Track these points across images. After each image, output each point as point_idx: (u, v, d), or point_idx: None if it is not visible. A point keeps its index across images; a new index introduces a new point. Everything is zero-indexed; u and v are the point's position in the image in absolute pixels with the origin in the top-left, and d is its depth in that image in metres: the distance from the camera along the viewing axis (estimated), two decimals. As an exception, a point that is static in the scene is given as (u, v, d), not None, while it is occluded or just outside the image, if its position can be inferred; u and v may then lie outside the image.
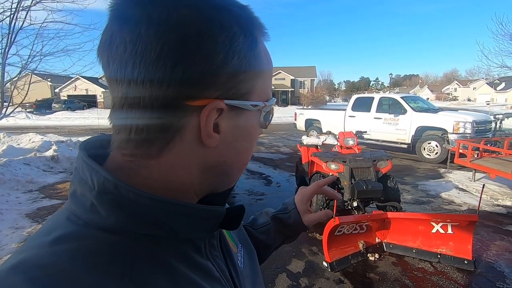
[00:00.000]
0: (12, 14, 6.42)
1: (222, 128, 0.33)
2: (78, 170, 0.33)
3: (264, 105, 0.37)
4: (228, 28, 0.31)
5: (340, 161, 3.81)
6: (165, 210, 0.31)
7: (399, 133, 7.96)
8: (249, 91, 0.34)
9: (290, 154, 8.51)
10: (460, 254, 2.81)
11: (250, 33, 0.33)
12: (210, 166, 0.35)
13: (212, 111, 0.31)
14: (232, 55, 0.31)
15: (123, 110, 0.31)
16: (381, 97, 8.80)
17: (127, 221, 0.30)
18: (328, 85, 73.81)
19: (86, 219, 0.31)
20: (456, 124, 6.98)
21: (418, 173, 6.42)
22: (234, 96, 0.33)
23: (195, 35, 0.29)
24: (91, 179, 0.31)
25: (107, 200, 0.30)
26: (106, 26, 0.31)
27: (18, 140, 8.95)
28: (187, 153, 0.32)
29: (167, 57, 0.28)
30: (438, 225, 2.86)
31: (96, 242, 0.29)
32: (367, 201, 3.70)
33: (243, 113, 0.35)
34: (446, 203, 4.59)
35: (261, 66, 0.35)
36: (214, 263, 0.38)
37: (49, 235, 0.30)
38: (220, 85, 0.31)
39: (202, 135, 0.32)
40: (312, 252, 3.12)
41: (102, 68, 0.32)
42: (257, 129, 0.39)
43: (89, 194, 0.31)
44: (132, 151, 0.32)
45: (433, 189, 5.24)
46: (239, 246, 0.50)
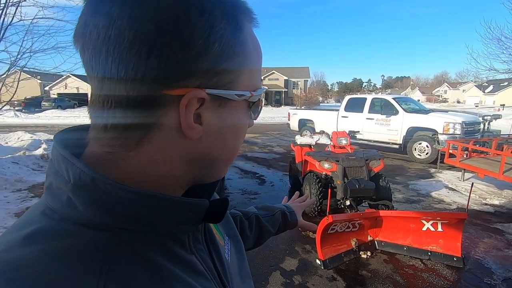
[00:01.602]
0: (1, 9, 6.28)
1: (205, 119, 0.31)
2: (53, 162, 0.32)
3: (251, 95, 0.35)
4: (209, 12, 0.29)
5: (333, 160, 3.85)
6: (145, 204, 0.30)
7: (391, 133, 8.07)
8: (234, 80, 0.33)
9: (284, 154, 8.54)
10: (449, 251, 2.87)
11: (233, 18, 0.31)
12: (194, 159, 0.33)
13: (192, 101, 0.30)
14: (213, 41, 0.29)
15: (99, 101, 0.30)
16: (374, 98, 8.91)
17: (105, 216, 0.29)
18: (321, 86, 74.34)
19: (63, 214, 0.29)
20: (446, 125, 7.12)
21: (409, 173, 6.52)
22: (216, 85, 0.31)
23: (171, 19, 0.27)
24: (67, 172, 0.30)
25: (83, 193, 0.29)
26: (81, 11, 0.30)
27: (6, 138, 8.76)
28: (168, 145, 0.31)
29: (141, 43, 0.27)
30: (429, 223, 2.91)
31: (74, 238, 0.28)
32: (360, 200, 3.74)
33: (227, 104, 0.33)
34: (436, 202, 4.68)
35: (246, 53, 0.33)
36: (198, 257, 0.37)
37: (23, 229, 0.28)
38: (200, 73, 0.29)
39: (182, 127, 0.30)
40: (305, 250, 3.14)
41: (80, 56, 0.30)
42: (244, 120, 0.37)
43: (65, 187, 0.29)
44: (110, 142, 0.30)
45: (423, 188, 5.33)
46: (226, 239, 0.49)
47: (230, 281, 0.42)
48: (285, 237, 3.42)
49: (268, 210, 0.80)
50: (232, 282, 0.43)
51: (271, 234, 0.78)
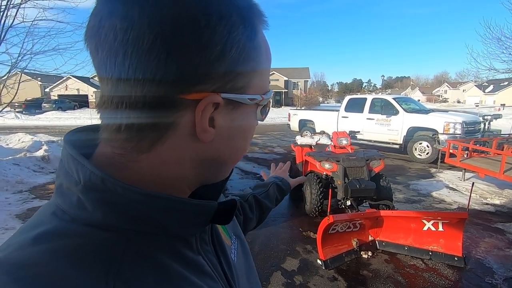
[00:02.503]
0: (2, 11, 6.30)
1: (218, 123, 0.32)
2: (63, 163, 0.32)
3: (262, 99, 0.35)
4: (227, 17, 0.29)
5: (334, 160, 3.85)
6: (155, 205, 0.30)
7: (391, 133, 8.07)
8: (247, 84, 0.33)
9: (284, 155, 8.55)
10: (450, 251, 2.87)
11: (250, 22, 0.31)
12: (204, 161, 0.33)
13: (208, 105, 0.30)
14: (231, 46, 0.29)
15: (113, 102, 0.29)
16: (374, 98, 8.91)
17: (114, 217, 0.29)
18: (322, 86, 74.34)
19: (72, 214, 0.29)
20: (446, 125, 7.12)
21: (409, 173, 6.52)
22: (231, 90, 0.31)
23: (191, 24, 0.27)
24: (77, 173, 0.30)
25: (93, 194, 0.29)
26: (94, 9, 0.29)
27: (7, 140, 8.77)
28: (181, 147, 0.31)
29: (161, 47, 0.27)
30: (430, 223, 2.91)
31: (82, 239, 0.28)
32: (360, 200, 3.74)
33: (240, 107, 0.33)
34: (437, 201, 4.68)
35: (259, 57, 0.33)
36: (205, 258, 0.37)
37: (33, 230, 0.28)
38: (217, 78, 0.30)
39: (197, 130, 0.30)
40: (306, 251, 3.14)
41: (90, 55, 0.30)
42: (254, 123, 0.37)
43: (75, 188, 0.30)
44: (122, 145, 0.30)
45: (424, 188, 5.33)
46: (233, 238, 0.49)
47: (236, 281, 0.42)
48: (286, 237, 3.43)
49: (262, 187, 0.85)
50: (239, 282, 0.43)
51: (270, 209, 0.83)
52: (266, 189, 0.84)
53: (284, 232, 3.57)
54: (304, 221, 3.85)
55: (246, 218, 0.74)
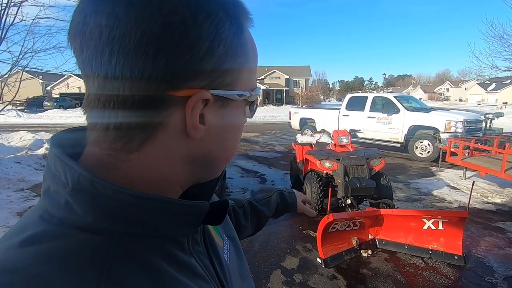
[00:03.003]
0: (2, 9, 6.31)
1: (208, 119, 0.31)
2: (50, 166, 0.31)
3: (250, 95, 0.35)
4: (214, 14, 0.29)
5: (334, 159, 3.84)
6: (146, 207, 0.29)
7: (392, 132, 8.05)
8: (235, 80, 0.33)
9: (285, 153, 8.55)
10: (450, 250, 2.86)
11: (236, 19, 0.31)
12: (195, 158, 0.33)
13: (198, 102, 0.30)
14: (218, 43, 0.29)
15: (100, 102, 0.29)
16: (375, 97, 8.89)
17: (104, 219, 0.29)
18: (323, 85, 74.09)
19: (61, 218, 0.29)
20: (447, 123, 7.09)
21: (410, 172, 6.51)
22: (220, 86, 0.31)
23: (179, 21, 0.27)
24: (65, 175, 0.29)
25: (82, 197, 0.28)
26: (78, 6, 0.28)
27: (8, 138, 8.80)
28: (171, 145, 0.31)
29: (148, 45, 0.26)
30: (430, 222, 2.91)
31: (71, 242, 0.27)
32: (361, 199, 3.74)
33: (229, 103, 0.33)
34: (437, 200, 4.68)
35: (246, 54, 0.34)
36: (197, 259, 0.36)
37: (20, 235, 0.28)
38: (205, 74, 0.30)
39: (188, 127, 0.30)
40: (306, 249, 3.15)
41: (74, 54, 0.29)
42: (242, 119, 0.37)
43: (63, 191, 0.29)
44: (111, 145, 0.30)
45: (425, 187, 5.32)
46: (225, 239, 0.49)
47: (229, 282, 0.42)
48: (286, 236, 3.43)
49: (265, 192, 0.79)
50: (232, 283, 0.43)
51: (268, 217, 0.77)
52: (269, 194, 0.78)
53: (284, 231, 3.58)
54: (304, 220, 3.85)
55: (239, 225, 0.70)
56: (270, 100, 39.30)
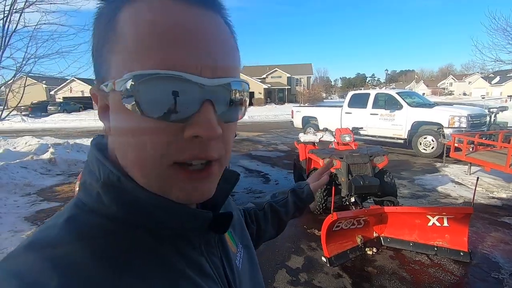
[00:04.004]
0: (5, 16, 6.37)
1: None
2: (88, 162, 0.37)
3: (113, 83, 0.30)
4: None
5: (337, 157, 3.84)
6: (157, 206, 0.33)
7: (396, 128, 8.01)
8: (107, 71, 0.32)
9: (288, 152, 8.54)
10: (456, 246, 2.85)
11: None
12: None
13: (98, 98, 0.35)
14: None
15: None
16: (377, 93, 8.85)
17: (126, 211, 0.33)
18: (325, 82, 73.78)
19: (92, 206, 0.34)
20: (451, 119, 7.04)
21: (414, 168, 6.48)
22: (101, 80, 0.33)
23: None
24: (98, 171, 0.34)
25: (110, 190, 0.33)
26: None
27: (14, 143, 8.89)
28: None
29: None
30: (434, 218, 2.90)
31: (96, 228, 0.32)
32: (365, 197, 3.74)
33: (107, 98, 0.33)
34: (442, 196, 4.65)
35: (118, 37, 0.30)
36: (208, 260, 0.39)
37: (59, 218, 0.33)
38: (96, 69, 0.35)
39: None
40: (311, 248, 3.16)
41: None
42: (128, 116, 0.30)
43: (96, 184, 0.34)
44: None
45: (429, 183, 5.29)
46: (239, 247, 0.51)
47: (239, 287, 0.43)
48: (290, 235, 3.44)
49: (282, 193, 0.80)
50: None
51: (289, 216, 0.78)
52: (286, 195, 0.79)
53: (288, 230, 3.59)
54: (308, 219, 3.86)
55: (259, 228, 0.71)
56: (272, 99, 39.24)
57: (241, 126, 16.94)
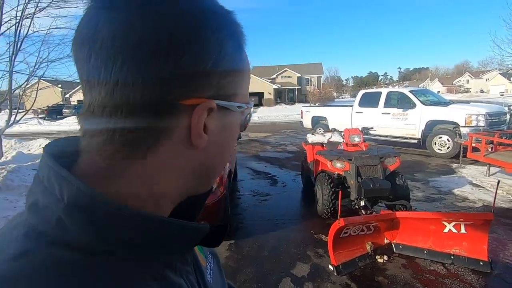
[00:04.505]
0: (17, 22, 6.52)
1: (210, 129, 0.32)
2: (41, 178, 0.30)
3: (246, 107, 0.37)
4: (219, 31, 0.31)
5: (346, 159, 3.68)
6: (148, 228, 0.29)
7: (408, 128, 7.74)
8: (235, 93, 0.35)
9: (297, 153, 8.38)
10: (475, 255, 2.65)
11: (237, 38, 0.34)
12: (195, 168, 0.34)
13: (204, 111, 0.31)
14: (224, 56, 0.31)
15: (105, 110, 0.28)
16: (389, 92, 8.58)
17: (101, 239, 0.27)
18: (336, 82, 72.90)
19: (51, 236, 0.27)
20: (468, 117, 6.71)
21: (429, 169, 6.21)
22: (222, 97, 0.33)
23: (190, 34, 0.29)
24: (60, 190, 0.27)
25: (78, 214, 0.27)
26: (86, 15, 0.29)
27: (28, 146, 9.13)
28: (175, 154, 0.31)
29: (161, 54, 0.27)
30: (451, 225, 2.71)
31: (63, 263, 0.26)
32: (375, 200, 3.56)
33: (228, 114, 0.35)
34: (459, 200, 4.40)
35: (245, 70, 0.36)
36: (186, 280, 0.35)
37: (2, 254, 0.26)
38: (212, 85, 0.31)
39: (193, 135, 0.31)
40: (317, 255, 3.01)
41: (77, 63, 0.29)
42: (238, 130, 0.39)
43: (56, 206, 0.27)
44: (114, 154, 0.29)
45: (445, 185, 5.04)
46: (209, 257, 0.49)
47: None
48: (296, 241, 3.31)
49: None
50: None
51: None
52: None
53: (294, 235, 3.45)
54: (315, 223, 3.71)
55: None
56: (282, 99, 39.04)
57: (250, 127, 16.85)
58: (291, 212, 4.19)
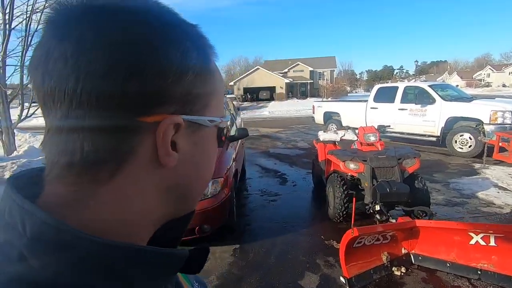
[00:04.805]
0: (27, 17, 6.51)
1: (180, 146, 0.30)
2: (2, 212, 0.27)
3: (221, 121, 0.35)
4: (181, 43, 0.29)
5: (360, 159, 3.42)
6: (122, 258, 0.26)
7: (427, 124, 7.32)
8: (205, 107, 0.33)
9: (308, 150, 8.11)
10: (505, 271, 2.37)
11: (202, 49, 0.32)
12: (170, 189, 0.31)
13: (169, 127, 0.28)
14: (187, 69, 0.29)
15: (63, 133, 0.27)
16: (406, 86, 8.15)
17: (69, 275, 0.25)
18: (349, 76, 71.31)
19: (11, 274, 0.25)
20: (493, 114, 6.26)
21: (449, 169, 5.84)
22: (190, 112, 0.31)
23: (147, 48, 0.27)
24: (22, 224, 0.25)
25: (43, 249, 0.25)
26: (40, 42, 0.28)
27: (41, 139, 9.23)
28: (143, 175, 0.29)
29: (116, 71, 0.25)
30: (478, 236, 2.43)
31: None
32: (391, 205, 3.30)
33: (200, 129, 0.32)
34: (484, 204, 4.06)
35: (214, 82, 0.34)
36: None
37: None
38: (176, 100, 0.29)
39: (160, 154, 0.28)
40: (328, 264, 2.79)
41: (35, 87, 0.28)
42: (215, 146, 0.36)
43: (18, 241, 0.25)
44: (77, 179, 0.27)
45: (467, 187, 4.69)
46: (196, 285, 0.46)
47: None
48: (305, 247, 3.10)
49: None
50: None
51: None
52: None
53: (304, 241, 3.25)
54: (326, 227, 3.49)
55: None
56: (294, 93, 38.51)
57: (260, 122, 16.68)
58: (301, 214, 3.98)
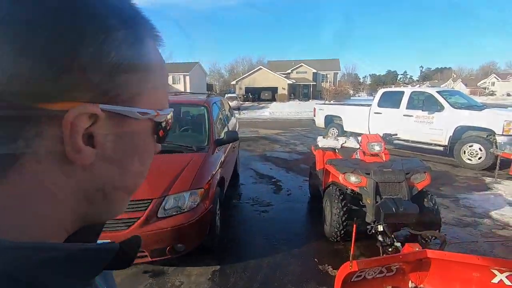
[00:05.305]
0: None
1: (99, 140, 0.26)
2: None
3: (157, 114, 0.30)
4: (103, 19, 0.26)
5: (362, 172, 3.00)
6: (35, 259, 0.22)
7: (434, 133, 6.89)
8: (136, 96, 0.28)
9: (307, 154, 7.67)
10: (535, 319, 1.95)
11: (133, 29, 0.28)
12: (86, 191, 0.27)
13: (80, 117, 0.24)
14: (108, 49, 0.25)
15: None
16: (413, 92, 7.71)
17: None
18: (353, 79, 70.78)
19: None
20: (507, 124, 5.82)
21: (457, 182, 5.41)
22: (114, 101, 0.27)
23: (60, 23, 0.23)
24: None
25: None
26: None
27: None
28: (48, 174, 0.25)
29: (14, 41, 0.22)
30: (503, 275, 2.01)
31: None
32: (397, 226, 2.88)
33: (128, 122, 0.28)
34: (499, 226, 3.63)
35: (150, 69, 0.30)
36: None
37: None
38: (92, 85, 0.25)
39: (66, 149, 0.25)
40: (320, 296, 2.38)
41: None
42: (150, 143, 0.32)
43: None
44: None
45: (479, 204, 4.26)
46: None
47: None
48: (295, 272, 2.68)
49: None
50: None
51: None
52: None
53: (294, 263, 2.82)
54: (321, 248, 3.07)
55: None
56: (296, 95, 38.09)
57: (260, 123, 16.25)
58: (293, 230, 3.56)
